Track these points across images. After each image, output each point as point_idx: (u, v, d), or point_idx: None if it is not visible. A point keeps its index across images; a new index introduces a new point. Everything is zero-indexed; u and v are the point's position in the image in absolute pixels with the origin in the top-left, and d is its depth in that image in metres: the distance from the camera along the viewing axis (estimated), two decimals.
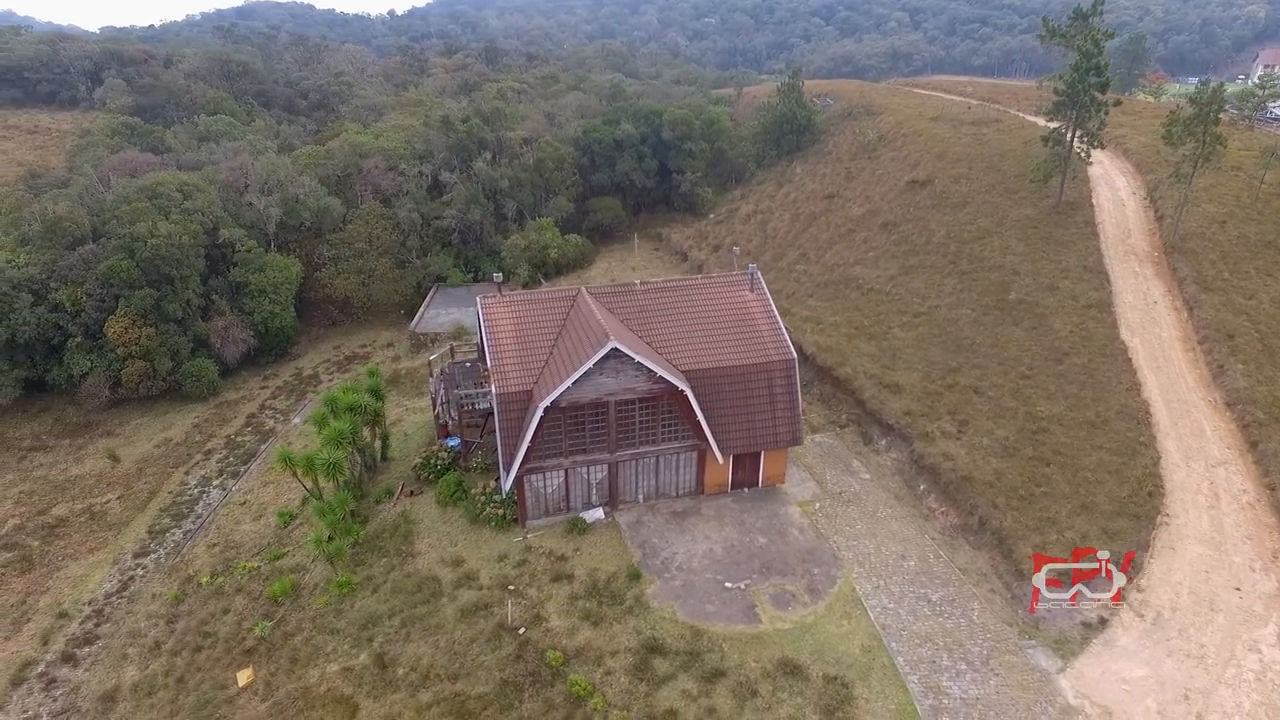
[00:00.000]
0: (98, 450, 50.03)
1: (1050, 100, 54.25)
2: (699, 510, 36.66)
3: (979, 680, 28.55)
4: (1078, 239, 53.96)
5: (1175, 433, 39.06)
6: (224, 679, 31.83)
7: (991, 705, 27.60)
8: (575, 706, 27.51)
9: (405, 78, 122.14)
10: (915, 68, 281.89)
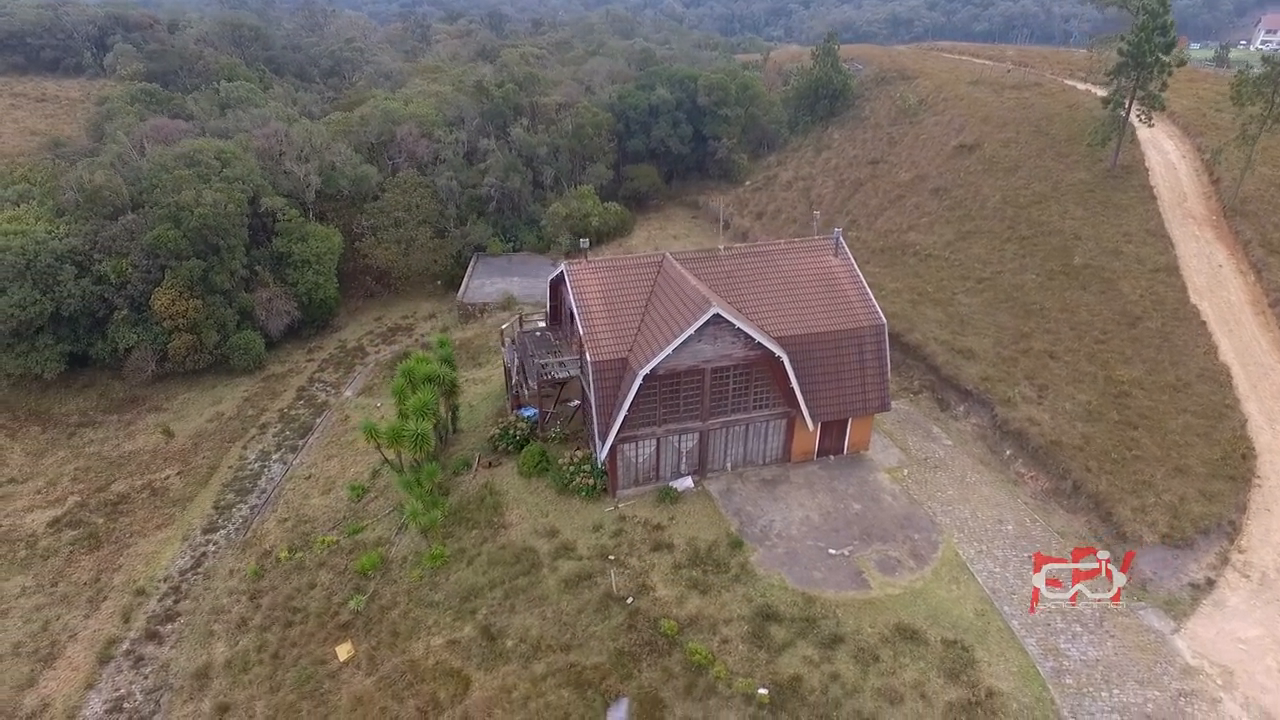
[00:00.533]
0: (148, 425, 49.04)
1: (1113, 60, 53.25)
2: (788, 478, 36.31)
3: (1096, 642, 28.52)
4: (1136, 203, 53.48)
5: (1256, 396, 38.94)
6: (322, 654, 31.39)
7: (1112, 667, 27.60)
8: (696, 675, 27.24)
9: (413, 45, 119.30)
10: (916, 34, 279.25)
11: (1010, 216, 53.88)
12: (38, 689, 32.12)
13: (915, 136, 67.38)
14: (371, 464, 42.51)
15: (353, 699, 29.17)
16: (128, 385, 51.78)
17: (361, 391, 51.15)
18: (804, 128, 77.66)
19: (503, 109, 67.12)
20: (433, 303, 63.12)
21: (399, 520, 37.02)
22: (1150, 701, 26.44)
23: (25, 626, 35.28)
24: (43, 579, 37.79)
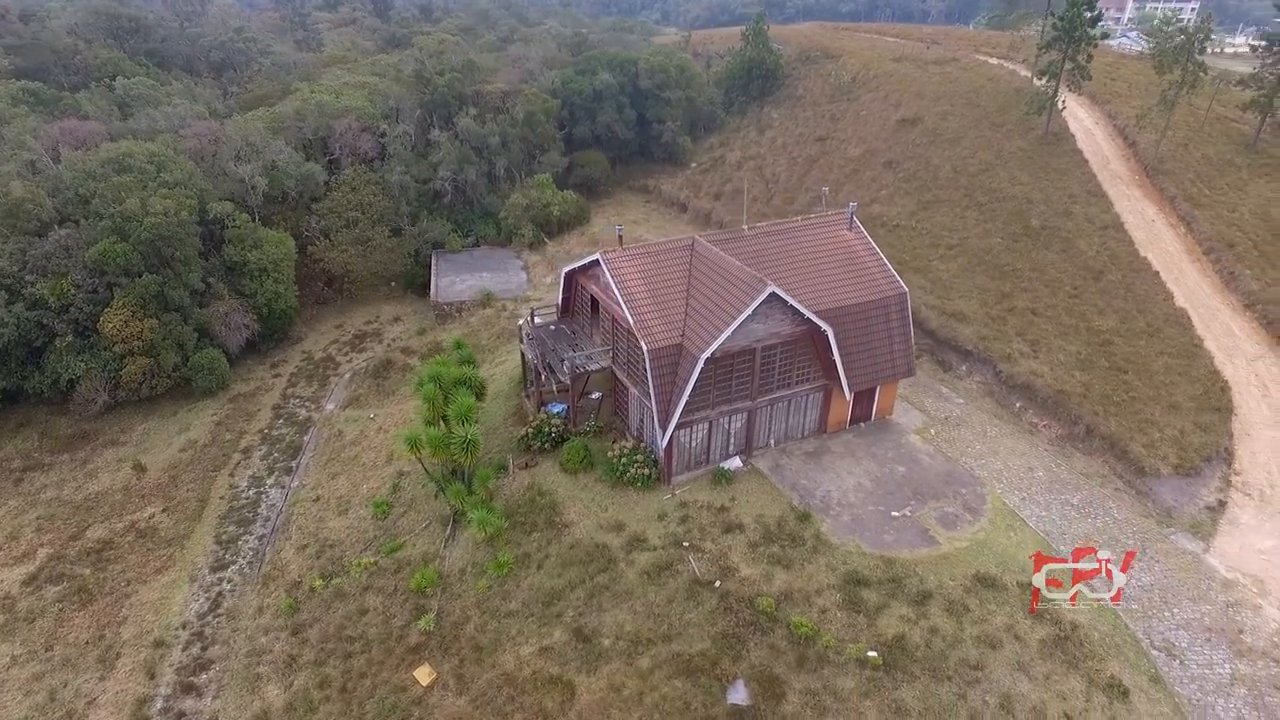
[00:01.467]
0: (110, 462, 44.26)
1: (1049, 34, 57.19)
2: (829, 448, 37.31)
3: (1145, 569, 31.17)
4: (1072, 166, 57.90)
5: (1211, 335, 43.32)
6: (399, 680, 29.72)
7: (1167, 589, 30.28)
8: (805, 647, 27.76)
9: (303, 35, 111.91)
10: (789, 14, 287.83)
11: (964, 185, 57.09)
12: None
13: (856, 113, 69.99)
14: (386, 478, 40.38)
15: (457, 718, 27.84)
16: (74, 420, 46.39)
17: (347, 404, 48.19)
18: (739, 108, 78.97)
19: (447, 99, 64.23)
20: (394, 305, 60.07)
21: (444, 532, 35.40)
22: (1205, 615, 29.23)
23: (28, 700, 31.36)
24: (33, 644, 33.61)
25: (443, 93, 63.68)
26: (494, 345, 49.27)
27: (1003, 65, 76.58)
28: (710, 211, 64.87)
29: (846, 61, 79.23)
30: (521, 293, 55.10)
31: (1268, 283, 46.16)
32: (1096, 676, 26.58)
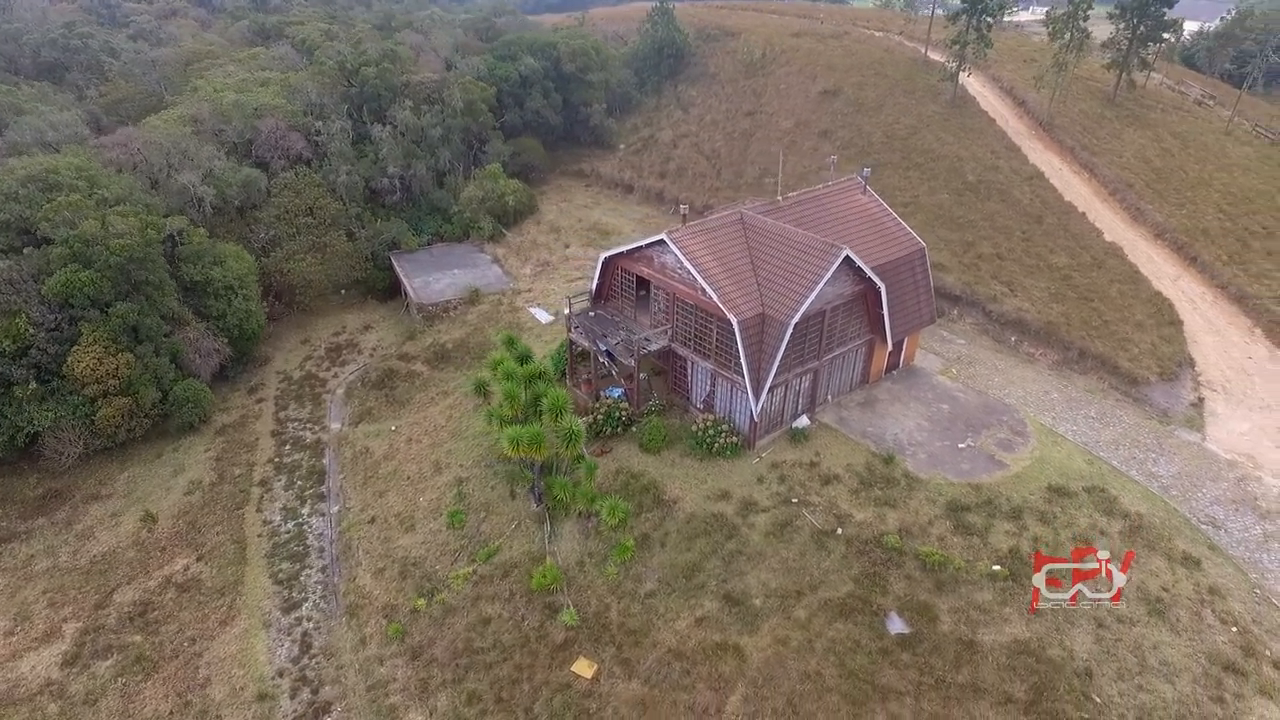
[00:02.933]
0: (101, 518, 38.99)
1: (958, 6, 63.07)
2: (876, 397, 40.23)
3: (1168, 461, 36.64)
4: (984, 126, 64.61)
5: (1139, 262, 50.65)
6: (558, 679, 29.37)
7: (1189, 475, 35.80)
8: (939, 573, 30.45)
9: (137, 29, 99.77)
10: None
11: (899, 149, 62.08)
12: None
13: (776, 87, 73.48)
14: (443, 488, 38.75)
15: (632, 704, 28.03)
16: (41, 478, 40.25)
17: (359, 420, 45.18)
18: (653, 88, 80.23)
19: (379, 91, 60.28)
20: (358, 313, 56.43)
21: (540, 530, 34.83)
22: (1226, 490, 34.96)
23: None
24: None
25: (374, 85, 59.94)
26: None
27: (889, 37, 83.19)
28: (661, 190, 66.05)
29: (748, 38, 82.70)
30: (505, 286, 53.80)
31: (1167, 215, 54.41)
32: (1172, 553, 31.23)
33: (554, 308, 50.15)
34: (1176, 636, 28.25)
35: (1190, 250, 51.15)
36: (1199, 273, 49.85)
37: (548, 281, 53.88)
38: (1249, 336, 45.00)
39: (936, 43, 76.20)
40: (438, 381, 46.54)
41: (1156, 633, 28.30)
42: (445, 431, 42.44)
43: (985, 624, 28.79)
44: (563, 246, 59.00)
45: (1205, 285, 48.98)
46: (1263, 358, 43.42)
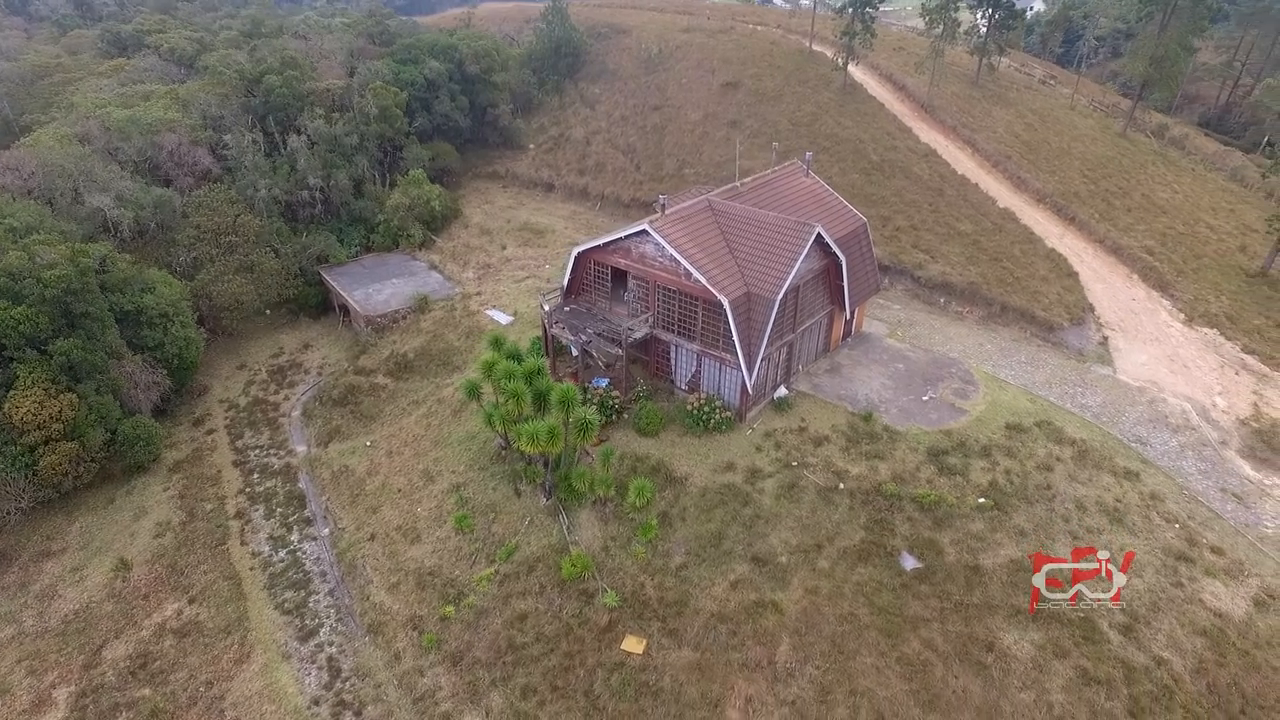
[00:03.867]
0: (60, 574, 35.58)
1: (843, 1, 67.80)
2: (839, 363, 43.38)
3: (1092, 393, 41.92)
4: (876, 110, 69.91)
5: (1031, 224, 56.95)
6: (610, 659, 30.27)
7: (1112, 403, 41.15)
8: (935, 511, 33.75)
9: None
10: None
11: (805, 134, 66.15)
12: None
13: (678, 82, 75.96)
14: (439, 495, 38.35)
15: (688, 669, 29.41)
16: (5, 530, 36.30)
17: (327, 440, 43.41)
18: (554, 87, 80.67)
19: (286, 100, 57.11)
20: (292, 333, 53.73)
21: (554, 523, 35.36)
22: (1143, 412, 40.53)
23: None
24: None
25: (280, 94, 56.93)
26: (468, 345, 47.56)
27: (771, 31, 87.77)
28: (584, 186, 66.92)
29: (640, 35, 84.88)
30: (452, 292, 53.02)
31: (1043, 181, 61.34)
32: (1115, 470, 36.10)
33: (511, 308, 50.16)
34: (1135, 538, 32.84)
35: (1068, 211, 58.07)
36: (1078, 230, 56.71)
37: (495, 284, 53.67)
38: (1128, 282, 51.86)
39: (819, 36, 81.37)
40: (405, 392, 45.59)
41: (1120, 537, 32.77)
42: (427, 441, 41.82)
43: (983, 550, 32.28)
44: (499, 248, 58.81)
45: (1085, 240, 55.81)
46: (1142, 299, 50.23)
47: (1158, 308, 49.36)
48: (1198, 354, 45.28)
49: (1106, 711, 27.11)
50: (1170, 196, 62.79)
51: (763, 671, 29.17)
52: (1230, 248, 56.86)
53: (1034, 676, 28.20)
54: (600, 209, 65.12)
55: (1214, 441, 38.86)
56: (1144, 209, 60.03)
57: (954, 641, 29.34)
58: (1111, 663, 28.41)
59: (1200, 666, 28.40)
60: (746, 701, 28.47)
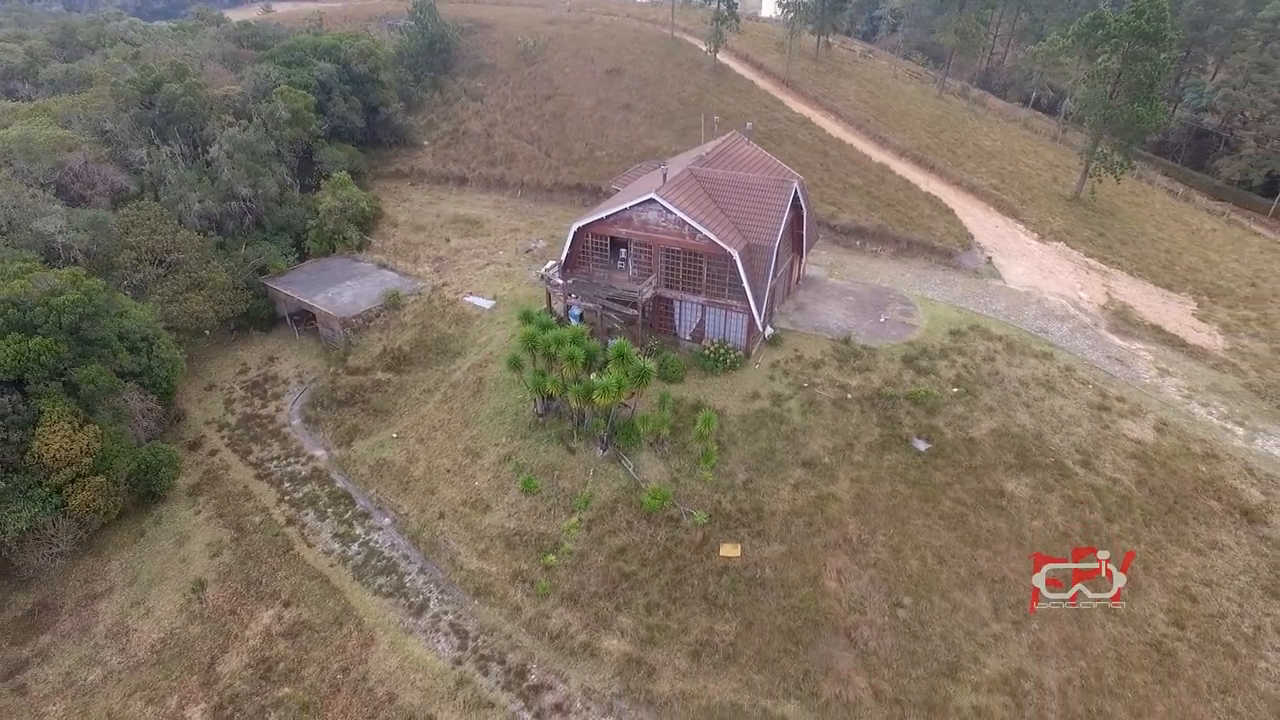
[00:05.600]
0: (120, 611, 33.70)
1: None
2: (803, 303, 50.14)
3: (997, 300, 51.79)
4: (748, 88, 77.76)
5: (902, 173, 67.23)
6: (713, 565, 34.80)
7: (1013, 306, 51.18)
8: (925, 404, 41.28)
9: None
10: None
11: (694, 112, 72.35)
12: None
13: (561, 71, 79.23)
14: (491, 466, 40.54)
15: (782, 559, 34.68)
16: (23, 587, 33.21)
17: (348, 440, 43.27)
18: (431, 83, 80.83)
19: (193, 108, 53.28)
20: (247, 349, 51.38)
21: (620, 467, 38.99)
22: (1036, 308, 50.94)
23: None
24: None
25: (184, 103, 53.42)
26: (461, 332, 48.94)
27: (631, 20, 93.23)
28: (500, 176, 68.67)
29: (505, 29, 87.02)
30: (416, 286, 53.46)
31: (899, 139, 72.18)
32: (1035, 354, 45.79)
33: (489, 293, 52.02)
34: (1067, 399, 42.42)
35: (927, 161, 69.11)
36: (938, 176, 67.79)
37: (458, 274, 55.01)
38: (988, 213, 63.33)
39: (677, 25, 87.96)
40: (412, 384, 46.44)
41: (1057, 401, 42.21)
42: (455, 423, 43.42)
43: (970, 426, 40.31)
44: (444, 241, 59.76)
45: (946, 184, 66.92)
46: (1002, 225, 61.75)
47: (1015, 230, 61.05)
48: (1056, 262, 57.10)
49: (1091, 520, 35.87)
50: (993, 144, 76.27)
51: (842, 547, 35.12)
52: (1046, 180, 70.70)
53: (1036, 508, 36.47)
54: (522, 196, 67.53)
55: (1090, 325, 50.04)
56: (978, 155, 72.67)
57: (974, 495, 36.98)
58: (1084, 488, 37.33)
59: (1140, 479, 38.08)
60: (838, 573, 34.30)
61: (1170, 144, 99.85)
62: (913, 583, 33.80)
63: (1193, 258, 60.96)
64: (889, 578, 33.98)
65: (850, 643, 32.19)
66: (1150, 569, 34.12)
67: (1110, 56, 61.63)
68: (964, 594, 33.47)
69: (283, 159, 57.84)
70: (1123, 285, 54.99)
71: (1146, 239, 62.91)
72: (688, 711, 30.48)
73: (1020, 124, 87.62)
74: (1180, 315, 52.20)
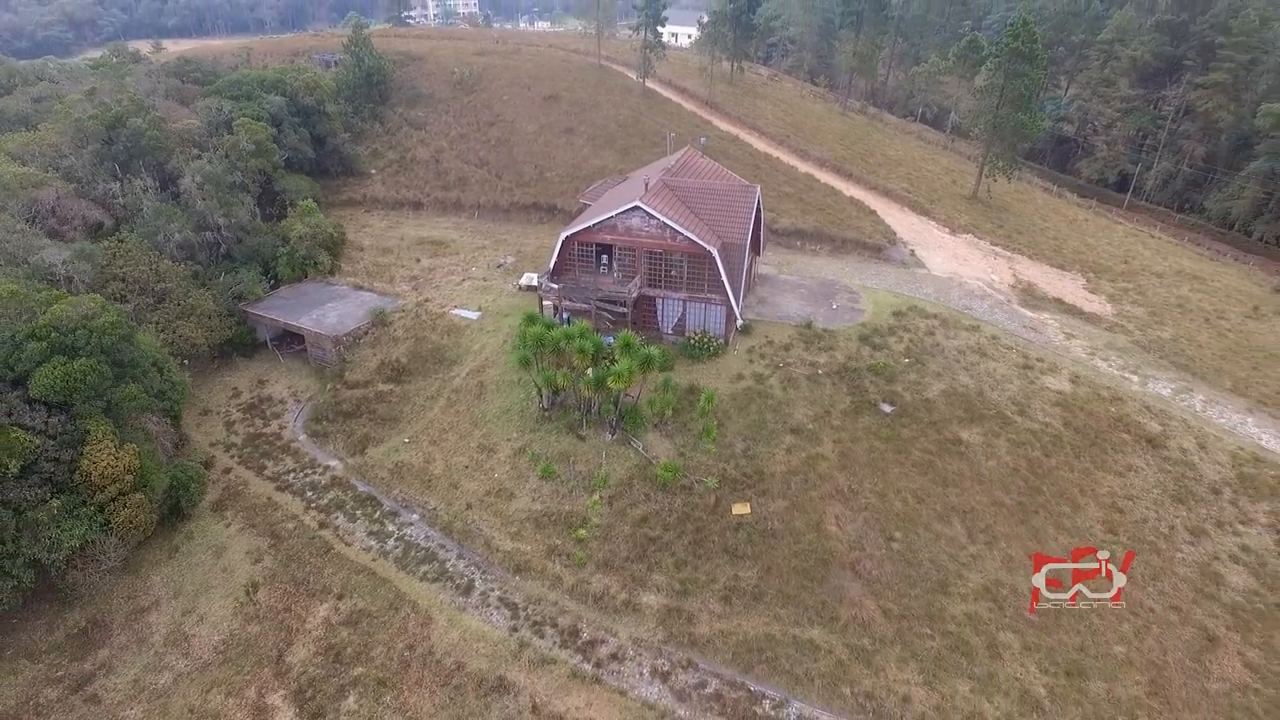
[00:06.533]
0: (170, 620, 34.60)
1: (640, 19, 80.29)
2: (762, 296, 55.73)
3: (924, 286, 59.14)
4: (677, 109, 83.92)
5: (827, 181, 74.62)
6: (728, 522, 39.20)
7: (940, 289, 58.62)
8: (884, 374, 47.38)
9: None
10: (106, 35, 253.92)
11: (633, 133, 77.83)
12: None
13: (502, 99, 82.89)
14: (507, 458, 43.62)
15: (787, 511, 39.51)
16: (57, 614, 33.51)
17: (360, 449, 45.17)
18: (371, 114, 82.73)
19: (159, 142, 53.35)
20: (234, 374, 51.85)
21: (629, 448, 42.92)
22: (959, 290, 58.50)
23: None
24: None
25: (150, 137, 53.72)
26: (454, 342, 51.59)
27: (557, 51, 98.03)
28: (457, 199, 71.46)
29: (436, 61, 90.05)
30: (399, 304, 55.61)
31: (819, 151, 79.89)
32: (965, 327, 52.96)
33: (474, 305, 54.95)
34: (997, 363, 49.54)
35: (844, 170, 76.90)
36: (857, 182, 75.62)
37: (437, 290, 57.60)
38: (904, 213, 71.36)
39: (603, 54, 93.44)
40: (414, 392, 48.79)
41: (990, 364, 49.24)
42: (464, 424, 46.21)
43: (923, 389, 46.63)
44: (414, 261, 62.12)
45: (864, 189, 74.76)
46: (917, 222, 69.83)
47: (929, 226, 69.21)
48: (968, 251, 65.32)
49: (1033, 457, 42.57)
50: (897, 153, 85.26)
51: (836, 497, 40.30)
52: (947, 182, 79.90)
53: (989, 451, 42.90)
54: (480, 217, 70.60)
55: (1005, 301, 57.96)
56: (887, 164, 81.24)
57: (936, 445, 43.07)
58: (1023, 432, 44.11)
59: (1066, 421, 45.25)
60: (836, 518, 39.42)
61: (1038, 150, 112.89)
62: (899, 520, 39.32)
63: (1075, 242, 70.81)
64: (879, 518, 39.38)
65: (855, 574, 37.25)
66: (1085, 491, 41.02)
67: (994, 73, 71.14)
68: (942, 525, 39.26)
69: (248, 189, 58.94)
70: (1025, 267, 63.64)
71: (1036, 229, 72.50)
72: (728, 645, 34.59)
73: (915, 136, 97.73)
74: (1074, 289, 61.07)
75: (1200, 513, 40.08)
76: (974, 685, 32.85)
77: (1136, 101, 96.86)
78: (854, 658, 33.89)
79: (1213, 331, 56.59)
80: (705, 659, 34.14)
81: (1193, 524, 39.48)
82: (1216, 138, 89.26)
